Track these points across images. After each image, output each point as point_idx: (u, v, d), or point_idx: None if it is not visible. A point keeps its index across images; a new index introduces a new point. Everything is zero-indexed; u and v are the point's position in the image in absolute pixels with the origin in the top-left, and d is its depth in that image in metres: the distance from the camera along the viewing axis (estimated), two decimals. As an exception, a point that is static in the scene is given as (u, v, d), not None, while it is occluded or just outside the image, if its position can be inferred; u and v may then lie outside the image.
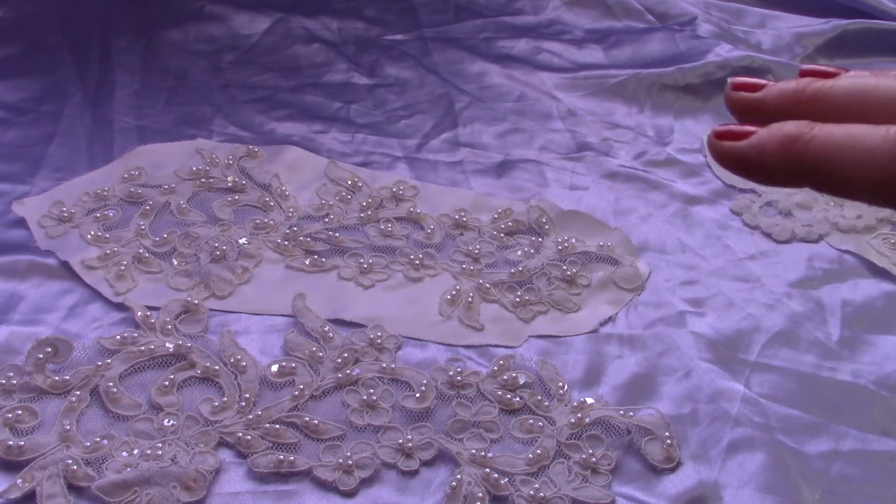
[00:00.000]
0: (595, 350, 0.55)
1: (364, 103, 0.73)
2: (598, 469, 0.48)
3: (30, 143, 0.65)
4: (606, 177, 0.69)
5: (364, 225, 0.61)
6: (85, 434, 0.46)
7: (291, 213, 0.61)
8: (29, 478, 0.44)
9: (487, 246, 0.61)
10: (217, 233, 0.59)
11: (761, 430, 0.51)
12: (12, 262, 0.55)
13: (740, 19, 0.89)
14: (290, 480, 0.46)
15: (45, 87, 0.69)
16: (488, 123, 0.73)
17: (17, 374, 0.48)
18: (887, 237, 0.66)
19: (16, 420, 0.46)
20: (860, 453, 0.50)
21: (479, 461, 0.47)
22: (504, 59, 0.79)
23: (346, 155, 0.68)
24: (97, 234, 0.57)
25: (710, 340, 0.56)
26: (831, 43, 0.86)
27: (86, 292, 0.55)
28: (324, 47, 0.78)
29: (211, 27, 0.77)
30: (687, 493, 0.47)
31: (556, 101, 0.76)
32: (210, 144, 0.66)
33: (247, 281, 0.57)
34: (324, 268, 0.58)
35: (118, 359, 0.50)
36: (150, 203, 0.60)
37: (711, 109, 0.78)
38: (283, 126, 0.70)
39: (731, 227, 0.66)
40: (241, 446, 0.47)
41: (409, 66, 0.77)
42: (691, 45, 0.82)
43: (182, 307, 0.54)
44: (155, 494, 0.44)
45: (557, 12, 0.84)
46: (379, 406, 0.49)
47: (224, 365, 0.51)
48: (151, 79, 0.72)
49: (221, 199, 0.61)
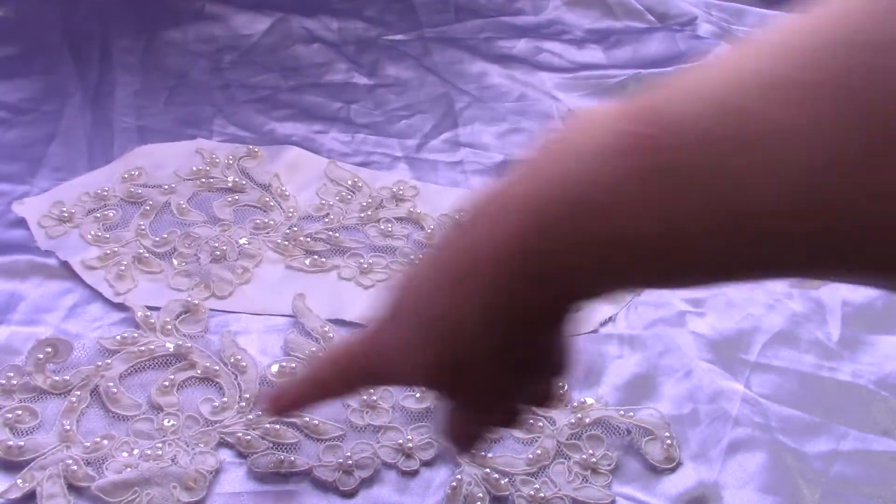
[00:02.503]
0: (595, 350, 0.55)
1: (364, 103, 0.73)
2: (598, 469, 0.48)
3: (30, 143, 0.65)
4: (606, 177, 0.69)
5: (364, 225, 0.61)
6: (85, 434, 0.46)
7: (291, 213, 0.61)
8: (29, 478, 0.44)
9: (487, 246, 0.61)
10: (217, 233, 0.59)
11: (761, 430, 0.51)
12: (12, 262, 0.55)
13: (740, 19, 0.88)
14: (290, 480, 0.46)
15: (45, 87, 0.69)
16: (488, 123, 0.73)
17: (17, 374, 0.48)
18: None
19: (16, 420, 0.46)
20: (860, 453, 0.50)
21: (479, 461, 0.47)
22: (504, 59, 0.79)
23: (346, 155, 0.68)
24: (97, 234, 0.57)
25: (710, 340, 0.56)
26: (831, 43, 0.86)
27: (86, 292, 0.55)
28: (324, 47, 0.78)
29: (211, 27, 0.77)
30: (687, 493, 0.47)
31: (556, 101, 0.76)
32: (210, 144, 0.66)
33: (247, 281, 0.57)
34: (324, 268, 0.58)
35: (118, 359, 0.50)
36: (151, 203, 0.60)
37: (711, 109, 0.78)
38: (283, 126, 0.70)
39: (731, 227, 0.66)
40: (241, 446, 0.47)
41: (409, 66, 0.77)
42: (691, 45, 0.82)
43: (182, 307, 0.54)
44: (155, 494, 0.44)
45: (557, 12, 0.84)
46: (379, 406, 0.49)
47: (224, 365, 0.51)
48: (151, 79, 0.72)
49: (221, 199, 0.61)
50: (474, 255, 0.28)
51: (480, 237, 0.27)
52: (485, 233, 0.27)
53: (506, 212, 0.26)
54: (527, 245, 0.26)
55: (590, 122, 0.25)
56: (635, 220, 0.24)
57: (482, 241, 0.27)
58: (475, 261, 0.28)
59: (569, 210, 0.25)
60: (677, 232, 0.23)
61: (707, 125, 0.22)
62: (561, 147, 0.26)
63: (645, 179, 0.23)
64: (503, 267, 0.27)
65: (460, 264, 0.28)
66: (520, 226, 0.26)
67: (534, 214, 0.26)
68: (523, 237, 0.26)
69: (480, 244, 0.27)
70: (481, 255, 0.27)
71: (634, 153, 0.23)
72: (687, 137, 0.23)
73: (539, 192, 0.26)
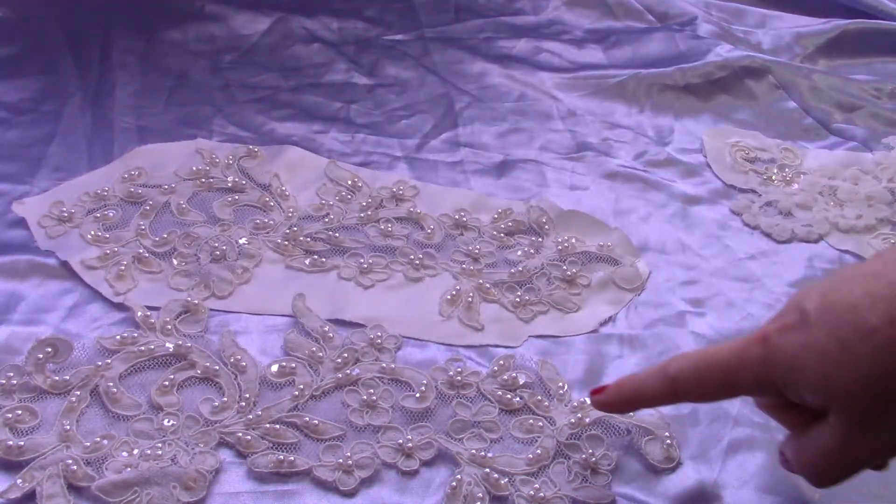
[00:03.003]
0: (595, 350, 0.55)
1: (364, 103, 0.73)
2: (598, 469, 0.48)
3: (30, 143, 0.65)
4: (606, 177, 0.69)
5: (364, 225, 0.61)
6: (85, 434, 0.46)
7: (291, 213, 0.61)
8: (29, 478, 0.44)
9: (487, 246, 0.61)
10: (217, 233, 0.59)
11: (761, 430, 0.51)
12: (12, 262, 0.55)
13: (740, 19, 0.89)
14: (290, 480, 0.46)
15: (45, 87, 0.69)
16: (488, 123, 0.73)
17: (17, 374, 0.48)
18: (887, 237, 0.66)
19: (16, 420, 0.46)
20: (860, 453, 0.50)
21: (479, 461, 0.47)
22: (504, 59, 0.79)
23: (346, 155, 0.68)
24: (97, 234, 0.57)
25: (710, 340, 0.56)
26: (831, 43, 0.86)
27: (86, 292, 0.55)
28: (324, 47, 0.78)
29: (211, 27, 0.77)
30: (687, 493, 0.47)
31: (556, 101, 0.76)
32: (210, 144, 0.66)
33: (247, 281, 0.57)
34: (324, 268, 0.58)
35: (118, 359, 0.50)
36: (150, 203, 0.60)
37: (711, 109, 0.78)
38: (283, 126, 0.70)
39: (731, 227, 0.66)
40: (241, 446, 0.47)
41: (409, 66, 0.77)
42: (691, 45, 0.82)
43: (182, 307, 0.54)
44: (155, 494, 0.44)
45: (557, 12, 0.84)
46: (379, 406, 0.49)
47: (224, 365, 0.51)
48: (151, 79, 0.72)
49: (221, 199, 0.61)
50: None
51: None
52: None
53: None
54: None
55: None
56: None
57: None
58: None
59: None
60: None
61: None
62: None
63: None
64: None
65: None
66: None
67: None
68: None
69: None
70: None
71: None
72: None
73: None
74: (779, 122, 0.77)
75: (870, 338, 0.29)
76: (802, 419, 0.34)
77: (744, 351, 0.34)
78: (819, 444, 0.32)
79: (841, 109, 0.78)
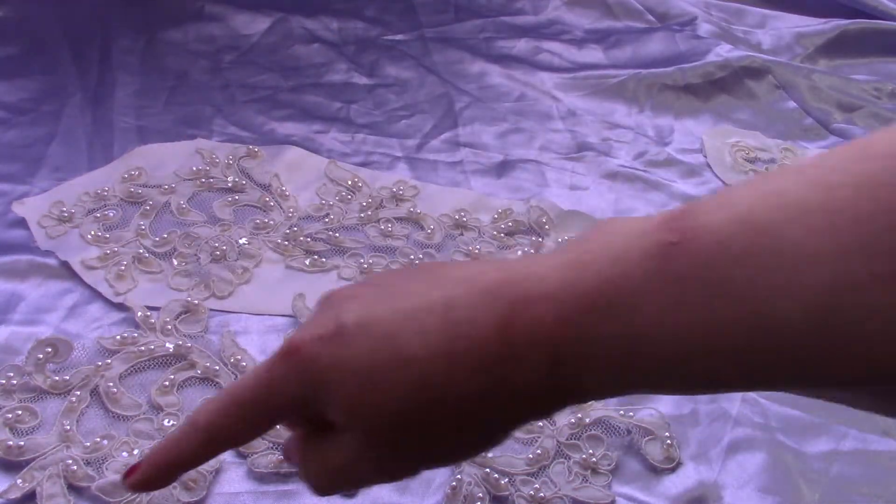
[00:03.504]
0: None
1: (364, 103, 0.73)
2: (598, 469, 0.48)
3: (30, 143, 0.65)
4: (606, 177, 0.69)
5: (364, 225, 0.61)
6: (85, 434, 0.46)
7: (291, 213, 0.61)
8: (29, 478, 0.44)
9: (487, 246, 0.61)
10: (217, 233, 0.59)
11: (761, 430, 0.51)
12: (12, 262, 0.55)
13: (740, 19, 0.89)
14: (290, 480, 0.46)
15: (45, 87, 0.69)
16: (488, 123, 0.73)
17: (17, 374, 0.48)
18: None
19: (16, 420, 0.46)
20: (860, 453, 0.50)
21: (479, 461, 0.47)
22: (504, 59, 0.80)
23: (346, 155, 0.68)
24: (97, 234, 0.57)
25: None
26: (831, 43, 0.86)
27: (86, 292, 0.55)
28: (324, 47, 0.78)
29: (211, 27, 0.77)
30: (687, 493, 0.47)
31: (556, 101, 0.76)
32: (210, 144, 0.66)
33: (247, 281, 0.57)
34: (324, 268, 0.58)
35: (118, 359, 0.50)
36: (150, 203, 0.60)
37: (711, 109, 0.78)
38: (283, 126, 0.70)
39: (731, 227, 0.66)
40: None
41: (409, 66, 0.77)
42: (691, 45, 0.82)
43: (182, 307, 0.54)
44: (155, 494, 0.44)
45: (557, 12, 0.84)
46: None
47: (224, 365, 0.51)
48: (151, 79, 0.72)
49: (221, 199, 0.61)
50: (485, 319, 0.27)
51: (496, 308, 0.27)
52: (505, 305, 0.27)
53: (534, 297, 0.26)
54: (540, 330, 0.26)
55: (628, 225, 0.26)
56: (658, 323, 0.25)
57: (499, 310, 0.27)
58: (477, 325, 0.27)
59: (594, 305, 0.26)
60: (695, 338, 0.24)
61: (741, 242, 0.24)
62: (598, 246, 0.26)
63: (671, 284, 0.24)
64: (518, 345, 0.26)
65: (459, 324, 0.27)
66: (540, 313, 0.26)
67: (560, 304, 0.26)
68: (539, 322, 0.26)
69: (496, 313, 0.27)
70: (487, 323, 0.27)
71: (663, 258, 0.25)
72: (716, 250, 0.24)
73: (568, 284, 0.26)
74: (779, 122, 0.78)
75: (407, 366, 0.28)
76: (311, 426, 0.31)
77: (271, 372, 0.30)
78: (328, 457, 0.30)
79: (841, 109, 0.78)
